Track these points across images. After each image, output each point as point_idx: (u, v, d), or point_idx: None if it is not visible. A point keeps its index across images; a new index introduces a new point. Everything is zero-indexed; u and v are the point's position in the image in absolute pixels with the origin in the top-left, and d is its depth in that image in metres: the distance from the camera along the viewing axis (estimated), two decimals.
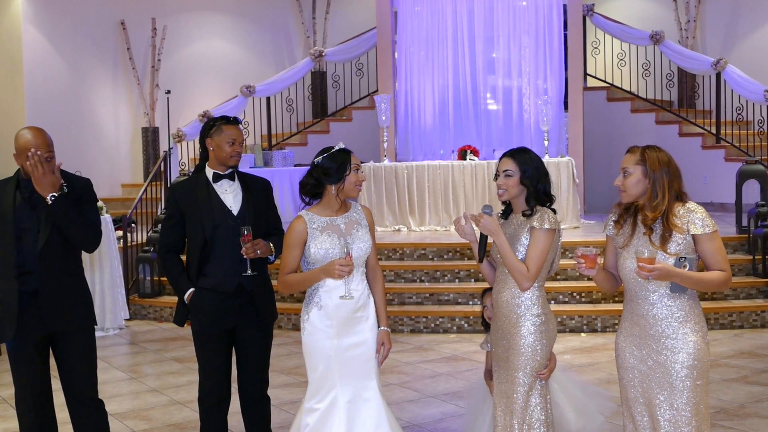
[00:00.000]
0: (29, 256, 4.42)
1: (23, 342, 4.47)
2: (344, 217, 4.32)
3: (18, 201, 4.42)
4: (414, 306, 9.45)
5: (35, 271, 4.43)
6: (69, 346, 4.57)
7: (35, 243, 4.40)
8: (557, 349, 8.03)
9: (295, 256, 4.29)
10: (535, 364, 4.14)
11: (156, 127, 14.08)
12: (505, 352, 4.20)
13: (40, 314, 4.45)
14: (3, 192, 4.47)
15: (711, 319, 8.75)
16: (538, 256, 4.07)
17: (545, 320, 4.16)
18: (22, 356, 4.51)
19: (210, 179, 4.73)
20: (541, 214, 4.13)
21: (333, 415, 4.22)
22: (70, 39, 13.40)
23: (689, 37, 14.51)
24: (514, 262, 4.07)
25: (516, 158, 4.23)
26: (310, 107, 15.67)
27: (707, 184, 12.97)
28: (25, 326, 4.45)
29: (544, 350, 4.16)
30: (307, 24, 15.97)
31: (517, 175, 4.18)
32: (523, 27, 12.56)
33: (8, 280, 4.42)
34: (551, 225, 4.09)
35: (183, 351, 8.52)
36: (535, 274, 4.07)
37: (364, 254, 4.31)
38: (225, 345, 4.75)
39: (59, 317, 4.50)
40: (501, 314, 4.21)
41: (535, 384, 4.15)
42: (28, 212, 4.43)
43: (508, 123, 12.73)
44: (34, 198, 4.41)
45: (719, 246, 3.75)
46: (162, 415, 6.54)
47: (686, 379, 3.72)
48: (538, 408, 4.16)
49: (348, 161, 4.28)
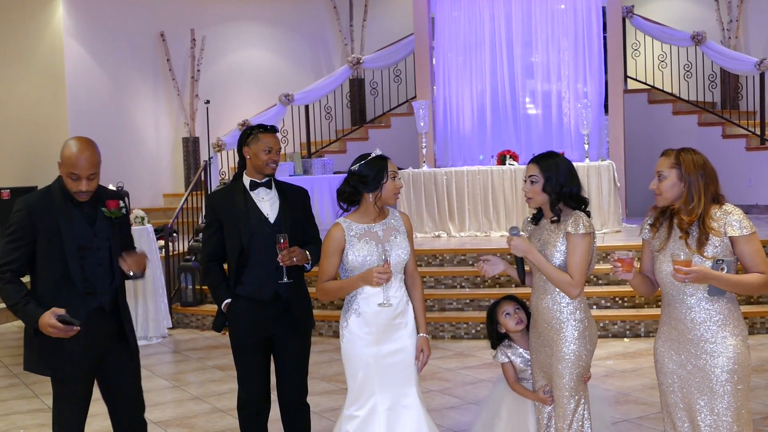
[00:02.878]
0: (91, 273, 4.26)
1: (84, 360, 4.30)
2: (382, 224, 4.30)
3: (77, 218, 4.24)
4: (454, 312, 9.41)
5: (98, 291, 4.28)
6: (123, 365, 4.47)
7: (97, 260, 4.27)
8: (599, 355, 7.99)
9: (333, 263, 4.28)
10: (580, 370, 4.11)
11: (196, 137, 14.21)
12: (548, 359, 4.16)
13: (107, 334, 4.35)
14: (51, 204, 4.24)
15: (757, 323, 8.61)
16: (579, 261, 4.02)
17: (588, 325, 4.12)
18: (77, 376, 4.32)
19: (247, 187, 4.74)
20: (575, 218, 4.07)
21: (373, 422, 4.20)
22: (110, 52, 13.58)
23: (731, 37, 14.31)
24: (556, 274, 4.03)
25: (541, 164, 4.16)
26: (349, 114, 15.71)
27: (752, 186, 12.78)
28: (89, 345, 4.27)
29: (588, 355, 4.13)
30: (345, 31, 16.02)
31: (541, 181, 4.12)
32: (562, 30, 12.48)
33: (75, 298, 4.22)
34: (586, 229, 4.04)
35: (225, 359, 8.55)
36: (580, 280, 4.03)
37: (403, 261, 4.29)
38: (263, 353, 4.76)
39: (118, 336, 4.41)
40: (542, 321, 4.17)
41: (580, 390, 4.11)
42: (86, 228, 4.26)
43: (547, 127, 12.65)
44: (86, 212, 4.29)
45: (758, 248, 3.68)
46: (204, 422, 6.58)
47: (726, 383, 3.65)
48: (585, 413, 4.13)
49: (385, 168, 4.25)
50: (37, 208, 4.21)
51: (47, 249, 4.20)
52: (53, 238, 4.19)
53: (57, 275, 4.21)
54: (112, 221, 4.33)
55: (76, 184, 4.19)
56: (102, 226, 4.31)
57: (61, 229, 4.19)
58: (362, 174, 4.24)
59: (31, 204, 4.22)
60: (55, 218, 4.20)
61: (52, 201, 4.24)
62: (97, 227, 4.29)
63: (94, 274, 4.27)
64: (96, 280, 4.27)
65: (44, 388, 7.79)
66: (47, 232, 4.19)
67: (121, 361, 4.43)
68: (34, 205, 4.22)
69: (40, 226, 4.19)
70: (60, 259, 4.19)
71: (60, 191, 4.27)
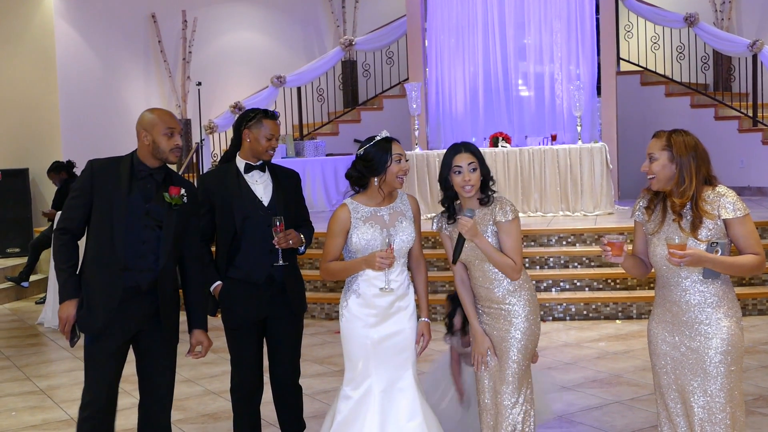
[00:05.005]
0: (134, 252, 4.22)
1: (113, 338, 4.27)
2: (389, 208, 4.29)
3: (133, 189, 4.25)
4: (446, 294, 9.39)
5: (137, 269, 4.23)
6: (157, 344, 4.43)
7: (142, 237, 4.24)
8: (592, 337, 8.02)
9: (338, 244, 4.27)
10: (529, 350, 4.18)
11: (188, 119, 14.17)
12: (500, 342, 4.18)
13: (140, 314, 4.31)
14: (116, 171, 4.26)
15: (749, 304, 8.64)
16: (515, 246, 4.10)
17: (536, 306, 4.21)
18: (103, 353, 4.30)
19: (241, 170, 4.72)
20: (501, 205, 4.13)
21: (366, 404, 4.22)
22: (101, 33, 13.51)
23: (724, 18, 14.29)
24: (501, 258, 4.08)
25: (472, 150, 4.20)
26: (341, 96, 15.68)
27: (744, 167, 12.80)
28: (119, 323, 4.25)
29: (537, 336, 4.22)
30: (337, 13, 15.95)
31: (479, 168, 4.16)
32: (555, 12, 12.43)
33: (111, 274, 4.21)
34: (514, 213, 4.11)
35: (216, 341, 8.46)
36: (521, 263, 4.11)
37: (406, 246, 4.28)
38: (256, 336, 4.76)
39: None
40: (494, 305, 4.19)
41: (528, 369, 4.20)
42: (140, 203, 4.24)
43: (540, 109, 12.62)
44: (147, 188, 4.28)
45: (751, 229, 3.68)
46: (196, 405, 6.58)
47: (720, 364, 3.66)
48: (529, 394, 4.21)
49: (389, 151, 4.22)
50: (100, 172, 4.26)
51: (98, 213, 4.23)
52: (104, 203, 4.22)
53: (103, 241, 4.22)
54: (171, 206, 4.30)
55: (173, 140, 4.28)
56: (157, 206, 4.28)
57: (114, 197, 4.21)
58: (367, 158, 4.22)
59: (96, 167, 4.28)
60: (114, 184, 4.23)
61: (117, 168, 4.29)
62: (152, 206, 4.27)
63: (136, 250, 4.24)
64: (137, 257, 4.24)
65: (36, 371, 7.79)
66: (102, 197, 4.22)
67: (152, 343, 4.38)
68: (98, 168, 4.28)
69: (99, 187, 4.22)
70: (108, 227, 4.20)
71: (130, 163, 4.31)
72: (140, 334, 4.34)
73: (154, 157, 4.29)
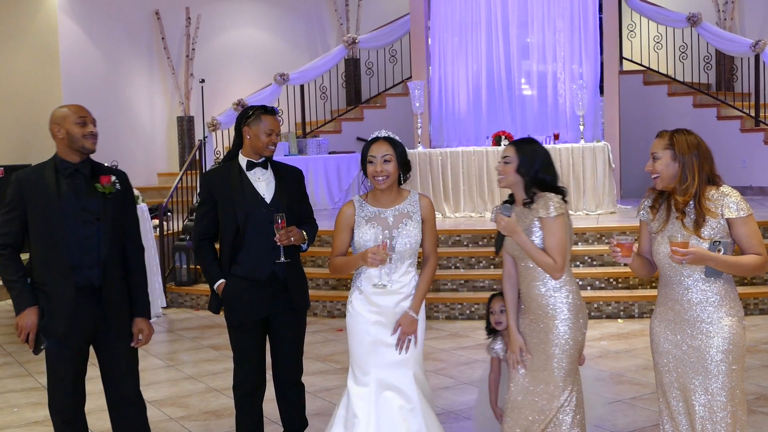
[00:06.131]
0: (78, 249, 4.25)
1: (75, 339, 4.31)
2: (394, 210, 4.29)
3: (63, 190, 4.26)
4: (449, 293, 9.43)
5: (86, 265, 4.27)
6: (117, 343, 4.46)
7: (84, 233, 4.27)
8: (593, 336, 8.02)
9: (343, 239, 4.31)
10: (575, 353, 4.08)
11: (191, 116, 14.17)
12: (541, 344, 4.10)
13: (98, 311, 4.34)
14: (41, 177, 4.28)
15: (751, 304, 8.65)
16: (558, 244, 3.97)
17: (581, 308, 4.09)
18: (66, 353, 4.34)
19: (243, 167, 4.73)
20: (544, 201, 4.00)
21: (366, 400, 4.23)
22: (105, 30, 13.52)
23: (727, 18, 14.28)
24: (540, 256, 3.98)
25: (518, 147, 4.11)
26: (344, 95, 15.68)
27: (746, 167, 12.80)
28: (78, 323, 4.29)
29: (583, 339, 4.11)
30: (341, 11, 15.95)
31: (515, 162, 4.07)
32: (558, 11, 12.42)
33: (60, 276, 4.24)
34: (557, 211, 3.97)
35: (219, 338, 8.57)
36: (562, 262, 3.99)
37: (410, 248, 4.27)
38: (259, 333, 4.77)
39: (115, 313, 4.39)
40: (535, 307, 4.10)
41: (574, 373, 4.09)
42: (74, 201, 4.27)
43: (542, 108, 12.62)
44: (77, 185, 4.30)
45: (754, 230, 3.69)
46: (199, 402, 6.59)
47: (721, 363, 3.67)
48: (575, 399, 4.09)
49: (367, 152, 4.25)
50: (27, 182, 4.29)
51: (35, 221, 4.26)
52: (38, 210, 4.25)
53: (47, 247, 4.25)
54: (105, 196, 4.33)
55: (86, 128, 4.32)
56: (92, 200, 4.31)
57: (49, 200, 4.23)
58: (360, 159, 4.29)
59: (21, 177, 4.31)
60: (43, 190, 4.25)
61: (43, 174, 4.30)
62: (86, 200, 4.30)
63: (80, 247, 4.27)
64: (82, 253, 4.27)
65: (38, 367, 7.79)
66: (35, 205, 4.25)
67: (108, 341, 4.42)
68: (24, 179, 4.30)
69: (29, 197, 4.25)
70: (47, 231, 4.24)
71: (53, 165, 4.33)
72: (98, 332, 4.38)
73: (72, 150, 4.32)
